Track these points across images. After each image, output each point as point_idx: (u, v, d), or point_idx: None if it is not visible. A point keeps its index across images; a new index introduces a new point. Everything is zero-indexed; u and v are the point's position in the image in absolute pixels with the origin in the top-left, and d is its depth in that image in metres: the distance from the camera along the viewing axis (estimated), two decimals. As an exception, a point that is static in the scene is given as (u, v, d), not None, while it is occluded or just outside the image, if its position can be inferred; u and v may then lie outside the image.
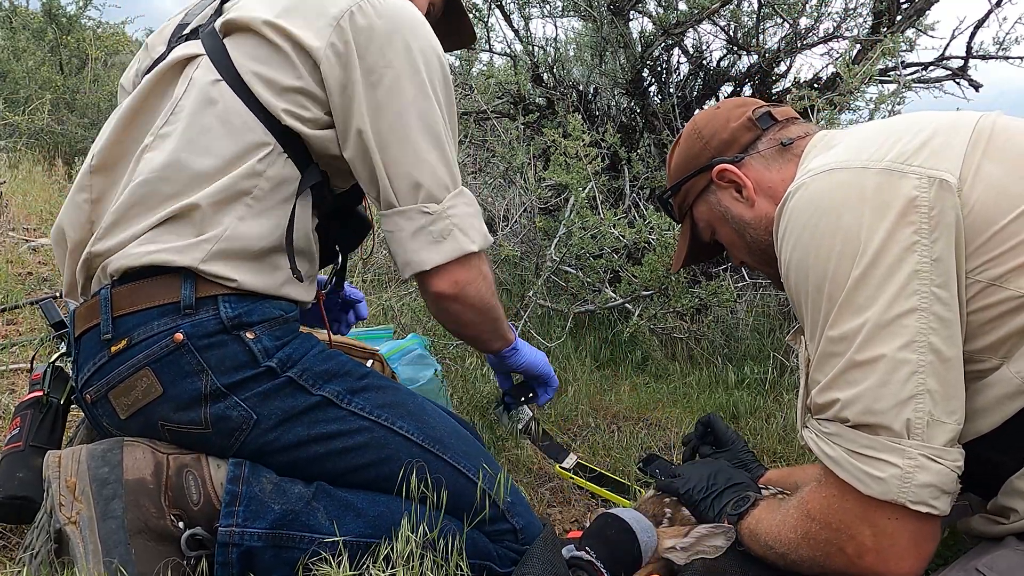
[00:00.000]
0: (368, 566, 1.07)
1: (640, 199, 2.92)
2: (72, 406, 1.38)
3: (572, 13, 3.30)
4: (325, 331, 1.52)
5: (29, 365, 1.76)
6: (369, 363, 1.73)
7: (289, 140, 1.19)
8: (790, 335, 1.34)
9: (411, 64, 1.19)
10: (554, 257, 2.56)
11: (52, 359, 1.41)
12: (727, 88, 3.27)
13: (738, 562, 1.18)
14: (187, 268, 1.12)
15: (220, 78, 1.19)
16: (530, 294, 2.53)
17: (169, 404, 1.11)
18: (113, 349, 1.12)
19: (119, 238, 1.15)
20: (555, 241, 2.59)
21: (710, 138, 1.28)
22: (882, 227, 0.94)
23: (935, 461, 0.91)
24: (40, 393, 1.35)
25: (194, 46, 1.24)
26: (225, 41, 1.22)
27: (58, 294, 2.31)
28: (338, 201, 1.35)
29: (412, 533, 1.06)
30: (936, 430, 0.92)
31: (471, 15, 3.38)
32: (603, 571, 1.16)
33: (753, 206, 1.22)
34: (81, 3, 6.47)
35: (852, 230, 0.96)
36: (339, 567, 1.04)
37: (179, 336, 1.10)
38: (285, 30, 1.17)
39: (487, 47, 3.44)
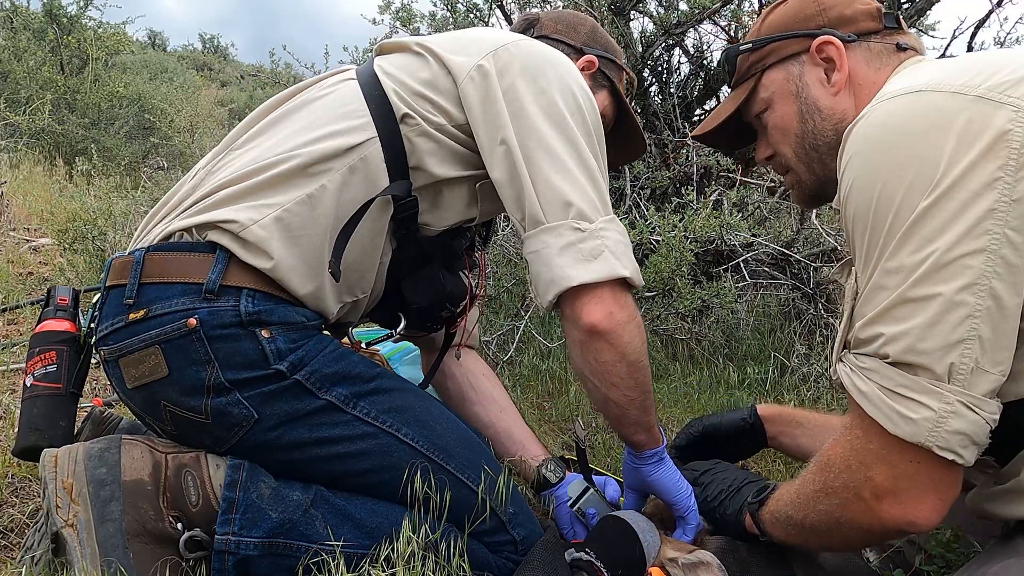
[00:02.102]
0: (367, 568, 1.06)
1: (641, 199, 2.91)
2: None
3: (573, 13, 3.29)
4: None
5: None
6: (369, 363, 1.72)
7: (391, 139, 1.19)
8: (836, 268, 1.25)
9: (560, 91, 1.19)
10: (555, 257, 2.55)
11: (82, 288, 1.37)
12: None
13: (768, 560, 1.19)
14: (226, 248, 1.12)
15: (353, 78, 1.27)
16: (531, 294, 2.53)
17: (173, 387, 1.10)
18: (131, 316, 1.11)
19: (219, 179, 1.19)
20: (556, 241, 2.58)
21: (829, 7, 1.18)
22: (965, 158, 0.86)
23: (972, 409, 0.87)
24: (74, 329, 1.31)
25: (352, 70, 1.33)
26: (376, 58, 1.31)
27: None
28: (424, 243, 1.30)
29: (413, 534, 1.05)
30: (979, 378, 0.87)
31: (472, 14, 3.38)
32: (604, 572, 1.15)
33: (836, 95, 1.14)
34: (82, 3, 6.49)
35: (932, 159, 0.88)
36: (336, 570, 1.03)
37: (192, 322, 1.08)
38: (433, 50, 1.24)
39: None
